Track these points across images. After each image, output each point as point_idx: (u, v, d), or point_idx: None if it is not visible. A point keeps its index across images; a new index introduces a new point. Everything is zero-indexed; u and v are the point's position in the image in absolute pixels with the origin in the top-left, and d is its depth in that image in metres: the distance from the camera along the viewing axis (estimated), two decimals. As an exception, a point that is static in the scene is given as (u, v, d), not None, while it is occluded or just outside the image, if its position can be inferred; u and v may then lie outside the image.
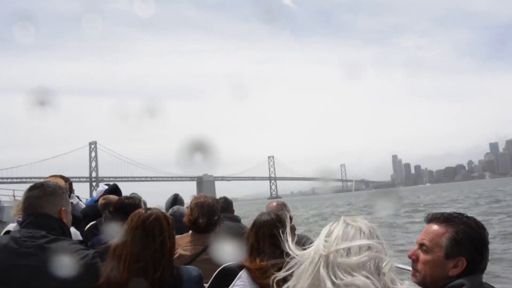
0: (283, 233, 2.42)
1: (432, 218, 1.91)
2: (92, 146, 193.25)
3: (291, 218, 3.83)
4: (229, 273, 2.56)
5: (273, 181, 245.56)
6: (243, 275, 2.53)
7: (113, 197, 4.43)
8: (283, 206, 3.90)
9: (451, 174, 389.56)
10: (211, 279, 2.61)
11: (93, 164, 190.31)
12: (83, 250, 2.28)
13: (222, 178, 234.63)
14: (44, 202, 2.37)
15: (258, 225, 2.69)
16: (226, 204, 4.70)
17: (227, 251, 3.03)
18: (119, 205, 3.65)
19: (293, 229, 3.70)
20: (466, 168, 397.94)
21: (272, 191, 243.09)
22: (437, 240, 1.82)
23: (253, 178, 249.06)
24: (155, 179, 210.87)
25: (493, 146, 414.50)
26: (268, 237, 2.59)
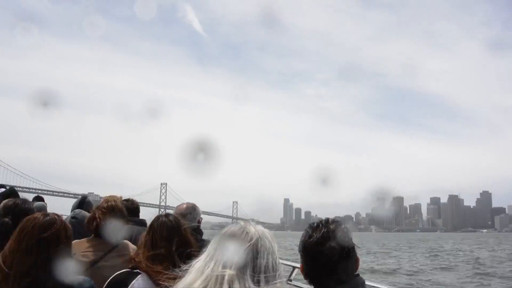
0: (182, 235, 2.52)
1: None
2: None
3: (199, 221, 3.86)
4: (122, 282, 2.29)
5: (162, 210, 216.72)
6: (138, 282, 2.29)
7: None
8: (192, 209, 3.84)
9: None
10: None
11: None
12: None
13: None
14: None
15: (155, 227, 2.54)
16: (134, 207, 4.68)
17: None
18: (18, 210, 3.14)
19: (200, 233, 3.67)
20: (354, 219, 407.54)
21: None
22: None
23: (141, 204, 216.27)
24: (33, 191, 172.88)
25: (380, 200, 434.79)
26: (165, 240, 2.47)
